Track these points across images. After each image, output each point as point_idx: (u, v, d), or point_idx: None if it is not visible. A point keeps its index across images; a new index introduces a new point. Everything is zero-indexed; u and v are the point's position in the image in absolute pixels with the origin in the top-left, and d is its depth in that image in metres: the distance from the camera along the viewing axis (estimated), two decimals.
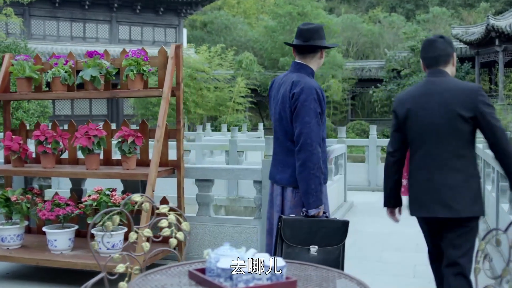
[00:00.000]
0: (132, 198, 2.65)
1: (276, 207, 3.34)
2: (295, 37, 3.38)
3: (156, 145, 4.50)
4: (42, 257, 4.53)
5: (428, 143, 3.00)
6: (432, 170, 2.99)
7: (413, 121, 3.04)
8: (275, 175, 3.37)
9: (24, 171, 4.97)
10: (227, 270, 1.76)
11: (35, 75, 5.03)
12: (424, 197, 3.03)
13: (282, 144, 3.31)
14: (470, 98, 2.91)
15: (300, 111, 3.14)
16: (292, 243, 3.08)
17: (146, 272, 1.99)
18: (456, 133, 2.94)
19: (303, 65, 3.34)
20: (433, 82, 3.05)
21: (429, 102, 3.00)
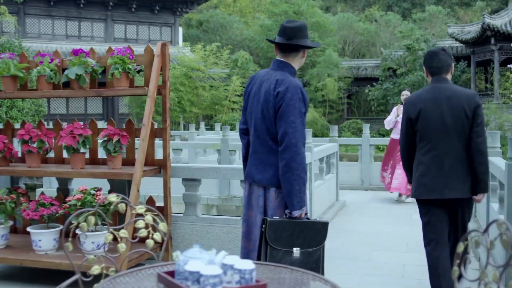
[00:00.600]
0: (108, 198, 2.61)
1: (258, 208, 3.26)
2: (278, 34, 3.31)
3: (141, 144, 4.45)
4: (26, 258, 4.48)
5: (438, 138, 3.68)
6: (443, 160, 3.67)
7: (424, 119, 3.72)
8: (254, 175, 3.28)
9: (9, 170, 4.91)
10: (194, 273, 1.71)
11: (20, 74, 4.97)
12: (435, 182, 3.68)
13: (264, 143, 3.23)
14: (471, 100, 3.67)
15: (285, 110, 3.09)
16: (276, 246, 3.03)
17: (115, 274, 1.95)
18: (462, 130, 3.65)
19: (285, 64, 3.28)
20: (439, 87, 3.76)
21: (439, 104, 3.69)
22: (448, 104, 3.68)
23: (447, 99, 3.69)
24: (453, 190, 3.66)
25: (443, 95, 3.71)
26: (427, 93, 3.80)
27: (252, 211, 3.30)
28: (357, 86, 29.35)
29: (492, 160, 5.42)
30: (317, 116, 24.70)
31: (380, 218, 7.67)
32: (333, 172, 8.56)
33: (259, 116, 3.24)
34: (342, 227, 7.00)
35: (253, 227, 3.28)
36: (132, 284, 1.84)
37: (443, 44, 28.02)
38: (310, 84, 26.67)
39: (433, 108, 3.71)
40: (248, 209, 3.33)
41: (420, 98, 3.80)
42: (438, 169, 3.68)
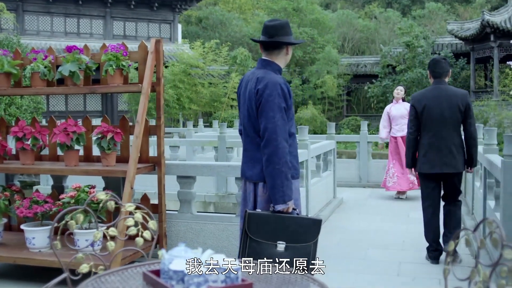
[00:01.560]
0: (97, 195, 2.58)
1: (249, 203, 3.30)
2: (261, 33, 3.35)
3: (135, 142, 4.43)
4: (20, 255, 4.46)
5: (438, 127, 4.90)
6: (441, 144, 4.90)
7: (428, 112, 4.93)
8: (246, 171, 3.35)
9: (3, 168, 4.89)
10: (178, 272, 1.69)
11: (14, 70, 4.95)
12: (435, 161, 4.92)
13: (252, 140, 3.29)
14: (464, 99, 4.92)
15: (265, 106, 3.13)
16: (257, 238, 3.03)
17: (101, 273, 1.92)
18: (456, 121, 4.91)
19: (269, 62, 3.32)
20: (440, 88, 5.00)
21: (439, 101, 4.91)
22: (446, 101, 4.89)
23: (445, 97, 4.91)
24: (449, 167, 4.91)
25: (442, 94, 4.93)
26: (430, 92, 5.02)
27: (247, 207, 3.33)
28: (357, 83, 29.30)
29: (489, 158, 5.40)
30: (316, 113, 24.67)
31: (377, 215, 7.65)
32: (330, 169, 8.53)
33: (246, 114, 3.30)
34: (339, 225, 6.98)
35: None
36: (117, 283, 1.82)
37: (443, 41, 27.98)
38: (310, 81, 26.63)
39: (435, 104, 4.92)
40: (245, 206, 3.37)
41: (424, 95, 5.04)
42: (437, 151, 4.91)
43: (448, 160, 4.88)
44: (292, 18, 27.88)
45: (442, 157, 4.88)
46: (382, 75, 26.10)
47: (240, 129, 3.54)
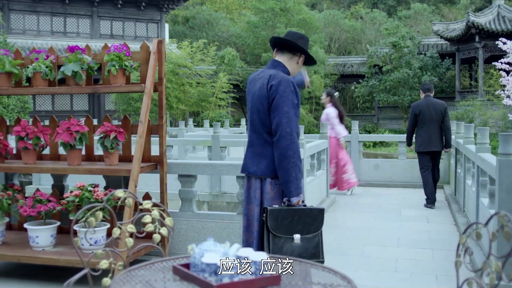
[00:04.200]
0: (115, 193, 2.64)
1: (255, 200, 3.34)
2: None
3: (138, 141, 4.48)
4: (24, 254, 4.49)
5: (428, 124, 7.98)
6: (431, 134, 7.98)
7: (422, 114, 8.05)
8: (249, 167, 3.37)
9: (5, 167, 4.91)
10: (211, 265, 1.76)
11: (15, 70, 4.97)
12: (428, 143, 8.00)
13: (260, 136, 3.34)
14: (443, 106, 8.11)
15: (279, 102, 3.21)
16: (277, 233, 3.12)
17: (130, 268, 1.99)
18: (439, 120, 8.01)
19: (281, 64, 3.43)
20: (429, 99, 8.16)
21: (429, 108, 8.03)
22: (433, 108, 8.08)
23: (432, 105, 8.10)
24: (435, 147, 8.04)
25: (430, 103, 8.13)
26: (423, 102, 8.21)
27: (251, 204, 3.38)
28: (343, 83, 29.50)
29: (482, 156, 5.53)
30: (303, 113, 24.79)
31: (370, 213, 7.77)
32: (323, 168, 8.64)
33: (255, 111, 3.37)
34: (333, 223, 7.08)
35: (253, 220, 3.35)
36: (148, 276, 1.88)
37: (428, 41, 28.29)
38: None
39: (426, 110, 8.08)
40: (248, 202, 3.41)
41: (420, 104, 8.22)
42: (428, 138, 8.01)
43: (435, 143, 8.04)
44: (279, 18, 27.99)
45: (431, 142, 8.03)
46: (369, 75, 26.31)
47: None
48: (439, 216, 7.62)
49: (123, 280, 1.84)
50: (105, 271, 2.52)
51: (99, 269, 2.47)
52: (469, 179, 7.10)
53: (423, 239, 6.23)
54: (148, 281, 1.83)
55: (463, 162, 7.72)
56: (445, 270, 5.00)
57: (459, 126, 9.33)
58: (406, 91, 24.36)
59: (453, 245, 5.97)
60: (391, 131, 24.43)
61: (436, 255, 5.55)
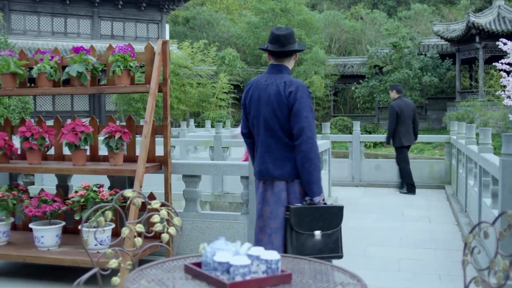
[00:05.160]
0: (124, 193, 2.66)
1: (280, 202, 3.43)
2: (269, 42, 3.53)
3: (143, 141, 4.50)
4: (29, 254, 4.51)
5: (407, 122, 9.31)
6: (408, 129, 9.33)
7: (402, 114, 9.29)
8: (273, 171, 3.45)
9: (10, 167, 4.93)
10: (223, 263, 1.78)
11: (20, 71, 4.99)
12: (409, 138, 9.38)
13: (279, 140, 3.44)
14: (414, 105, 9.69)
15: (299, 108, 3.35)
16: (300, 230, 3.28)
17: (141, 267, 2.01)
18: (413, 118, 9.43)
19: (283, 67, 3.54)
20: (404, 100, 9.57)
21: (406, 108, 9.38)
22: (408, 107, 9.39)
23: (407, 105, 9.41)
24: (413, 141, 9.46)
25: (406, 103, 9.47)
26: (401, 102, 9.44)
27: (268, 206, 3.45)
28: (343, 83, 29.53)
29: (484, 156, 5.56)
30: None
31: (372, 214, 7.79)
32: (325, 169, 8.66)
33: (270, 116, 3.44)
34: None
35: (269, 221, 3.44)
36: (160, 275, 1.91)
37: (429, 42, 28.33)
38: None
39: (405, 108, 9.33)
40: (264, 204, 3.49)
41: (400, 103, 9.38)
42: (406, 133, 9.28)
43: (412, 138, 9.43)
44: (279, 19, 28.02)
45: (410, 136, 9.38)
46: (369, 76, 26.35)
47: (244, 133, 3.69)
48: (441, 216, 7.64)
49: (136, 278, 1.86)
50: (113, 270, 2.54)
51: (108, 269, 2.50)
52: (471, 179, 7.12)
53: (426, 239, 6.25)
54: (160, 279, 1.86)
55: (464, 163, 7.74)
56: (448, 270, 5.03)
57: (460, 126, 9.36)
58: (406, 92, 24.37)
59: (455, 245, 6.00)
60: None
61: (438, 255, 5.57)
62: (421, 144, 21.04)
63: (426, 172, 10.43)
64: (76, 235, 5.03)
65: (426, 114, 27.62)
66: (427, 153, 20.40)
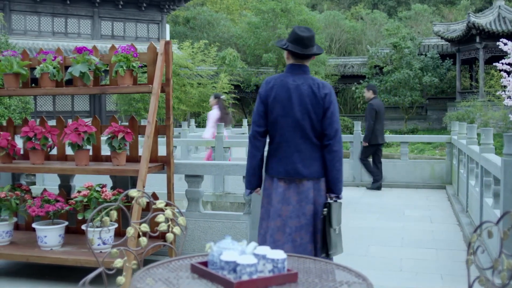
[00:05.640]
0: (129, 193, 2.68)
1: (308, 200, 3.49)
2: (291, 41, 3.53)
3: (146, 141, 4.51)
4: (32, 254, 4.52)
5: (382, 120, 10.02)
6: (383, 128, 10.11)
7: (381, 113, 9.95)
8: (302, 171, 3.49)
9: (13, 167, 4.94)
10: (230, 262, 1.80)
11: (23, 71, 5.00)
12: (382, 136, 10.00)
13: (308, 140, 3.50)
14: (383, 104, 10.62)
15: (333, 110, 3.51)
16: (334, 225, 3.47)
17: (148, 266, 2.02)
18: None
19: (307, 68, 3.61)
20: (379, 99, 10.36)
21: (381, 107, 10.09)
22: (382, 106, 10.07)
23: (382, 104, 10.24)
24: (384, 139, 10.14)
25: (381, 102, 10.28)
26: (378, 101, 10.07)
27: (289, 205, 3.48)
28: (344, 83, 29.54)
29: (486, 156, 5.57)
30: None
31: (373, 214, 7.80)
32: None
33: (302, 117, 3.48)
34: None
35: (289, 220, 3.47)
36: (167, 274, 1.92)
37: (429, 42, 28.35)
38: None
39: (381, 107, 9.96)
40: (283, 204, 3.50)
41: (378, 103, 10.01)
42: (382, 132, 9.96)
43: (384, 136, 10.15)
44: (280, 19, 28.02)
45: (383, 134, 10.07)
46: (370, 76, 26.37)
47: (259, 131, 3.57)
48: (442, 216, 7.65)
49: (143, 277, 1.87)
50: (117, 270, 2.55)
51: (113, 268, 2.51)
52: (472, 179, 7.13)
53: (427, 239, 6.27)
54: (167, 278, 1.87)
55: (466, 163, 7.75)
56: (450, 270, 5.04)
57: (461, 126, 9.37)
58: (406, 92, 24.40)
59: (457, 245, 6.01)
60: (392, 132, 24.44)
61: (440, 255, 5.58)
62: (421, 144, 21.06)
63: (427, 172, 10.44)
64: (78, 235, 5.04)
65: (427, 114, 27.64)
66: (427, 153, 20.42)
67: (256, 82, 28.43)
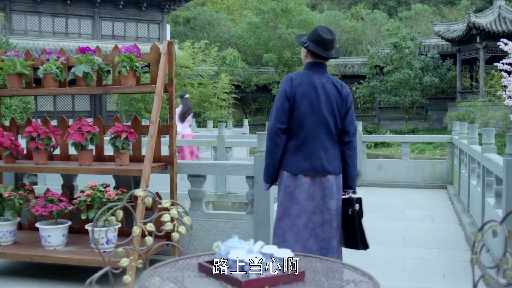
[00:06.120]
0: (135, 193, 2.69)
1: (332, 195, 3.56)
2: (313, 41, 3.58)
3: (149, 141, 4.53)
4: (36, 253, 4.53)
5: None
6: None
7: None
8: (327, 167, 3.56)
9: (16, 167, 4.95)
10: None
11: (26, 71, 5.02)
12: None
13: (331, 137, 3.59)
14: None
15: (352, 108, 3.68)
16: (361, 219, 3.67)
17: (155, 265, 2.04)
18: None
19: (326, 66, 3.70)
20: None
21: None
22: None
23: None
24: None
25: None
26: None
27: (313, 201, 3.53)
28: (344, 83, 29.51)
29: (488, 156, 5.59)
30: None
31: (375, 213, 7.81)
32: None
33: (328, 114, 3.55)
34: None
35: (313, 216, 3.54)
36: (174, 273, 1.93)
37: (429, 42, 28.36)
38: None
39: None
40: (308, 200, 3.55)
41: None
42: None
43: None
44: (280, 19, 28.05)
45: None
46: (370, 76, 26.38)
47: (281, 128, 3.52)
48: (443, 216, 7.67)
49: (151, 276, 1.89)
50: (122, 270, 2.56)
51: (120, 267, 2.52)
52: (473, 179, 7.15)
53: (429, 239, 6.28)
54: (175, 277, 1.88)
55: (467, 163, 7.77)
56: (452, 270, 5.06)
57: (462, 126, 9.38)
58: (407, 92, 24.42)
59: (458, 244, 6.02)
60: (392, 132, 24.48)
61: (442, 255, 5.60)
62: (422, 144, 21.09)
63: (429, 172, 10.46)
64: (81, 235, 5.05)
65: (427, 114, 27.67)
66: (428, 153, 20.45)
67: (257, 82, 28.46)
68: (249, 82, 28.55)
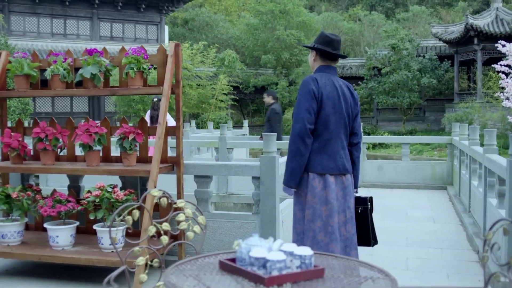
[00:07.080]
0: (151, 193, 2.73)
1: (351, 194, 3.68)
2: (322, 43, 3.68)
3: (157, 142, 4.57)
4: (44, 253, 4.56)
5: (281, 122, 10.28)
6: None
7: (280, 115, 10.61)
8: (347, 166, 3.67)
9: (24, 168, 4.99)
10: (260, 259, 1.85)
11: (34, 73, 5.06)
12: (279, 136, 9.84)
13: (347, 138, 3.73)
14: None
15: (359, 110, 3.83)
16: None
17: (177, 262, 2.08)
18: None
19: (336, 69, 3.80)
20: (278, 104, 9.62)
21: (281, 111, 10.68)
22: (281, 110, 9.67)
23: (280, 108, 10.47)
24: None
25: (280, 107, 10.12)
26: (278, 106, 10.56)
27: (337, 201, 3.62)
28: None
29: (490, 157, 5.65)
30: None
31: (376, 214, 7.77)
32: None
33: (346, 115, 3.66)
34: None
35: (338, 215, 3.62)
36: (196, 271, 1.98)
37: (427, 43, 28.46)
38: (296, 83, 26.88)
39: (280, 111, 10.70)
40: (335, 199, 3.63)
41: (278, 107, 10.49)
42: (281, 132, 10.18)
43: None
44: (278, 21, 28.12)
45: None
46: (368, 77, 26.47)
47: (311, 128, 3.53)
48: (444, 216, 7.72)
49: (173, 273, 1.93)
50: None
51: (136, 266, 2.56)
52: (475, 180, 7.21)
53: (431, 239, 6.34)
54: (197, 275, 1.93)
55: (468, 164, 7.83)
56: (456, 269, 5.11)
57: (462, 127, 9.44)
58: (405, 93, 24.51)
59: (460, 244, 6.08)
60: (390, 133, 24.57)
61: (445, 254, 5.65)
62: (420, 145, 21.17)
63: (429, 173, 10.52)
64: (88, 235, 5.09)
65: (425, 115, 27.76)
66: (426, 154, 20.54)
67: (255, 83, 28.50)
68: (248, 83, 28.60)
